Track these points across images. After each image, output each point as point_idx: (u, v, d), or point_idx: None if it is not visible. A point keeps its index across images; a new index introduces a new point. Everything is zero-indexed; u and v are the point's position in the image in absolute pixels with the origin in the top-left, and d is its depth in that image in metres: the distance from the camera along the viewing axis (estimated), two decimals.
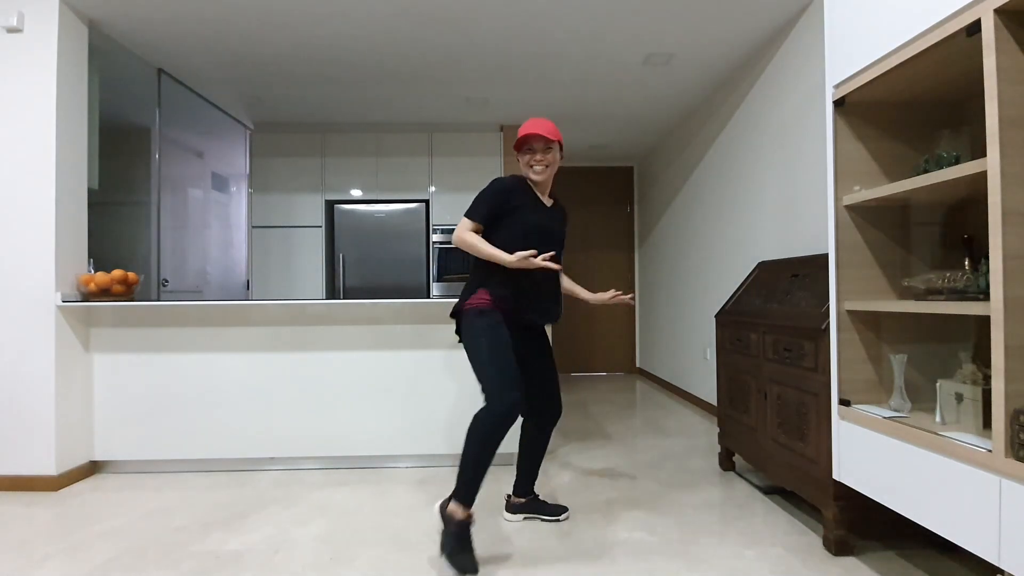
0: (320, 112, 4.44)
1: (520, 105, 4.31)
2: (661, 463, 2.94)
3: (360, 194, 4.66)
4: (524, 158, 2.07)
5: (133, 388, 2.85)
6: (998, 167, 1.26)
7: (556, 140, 2.03)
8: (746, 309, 2.64)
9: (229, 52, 3.34)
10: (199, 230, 4.07)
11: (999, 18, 1.26)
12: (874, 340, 1.84)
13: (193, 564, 1.88)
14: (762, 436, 2.38)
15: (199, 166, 4.08)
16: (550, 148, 2.04)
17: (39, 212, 2.64)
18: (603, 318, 6.22)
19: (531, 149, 2.04)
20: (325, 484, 2.67)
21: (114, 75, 3.36)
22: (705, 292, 4.27)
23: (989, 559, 1.28)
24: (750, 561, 1.87)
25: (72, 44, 2.77)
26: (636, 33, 3.12)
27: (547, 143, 2.03)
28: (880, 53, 1.63)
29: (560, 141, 2.06)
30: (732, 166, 3.80)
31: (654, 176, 5.64)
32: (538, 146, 2.03)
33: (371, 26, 3.03)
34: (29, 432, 2.62)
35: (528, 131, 2.00)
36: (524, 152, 2.06)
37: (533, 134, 2.00)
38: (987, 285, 1.44)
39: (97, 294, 2.73)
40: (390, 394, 2.90)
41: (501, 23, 3.01)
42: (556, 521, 2.21)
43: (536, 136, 2.01)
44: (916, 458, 1.50)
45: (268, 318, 2.88)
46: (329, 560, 1.90)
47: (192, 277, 3.95)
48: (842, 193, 1.86)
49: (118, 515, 2.31)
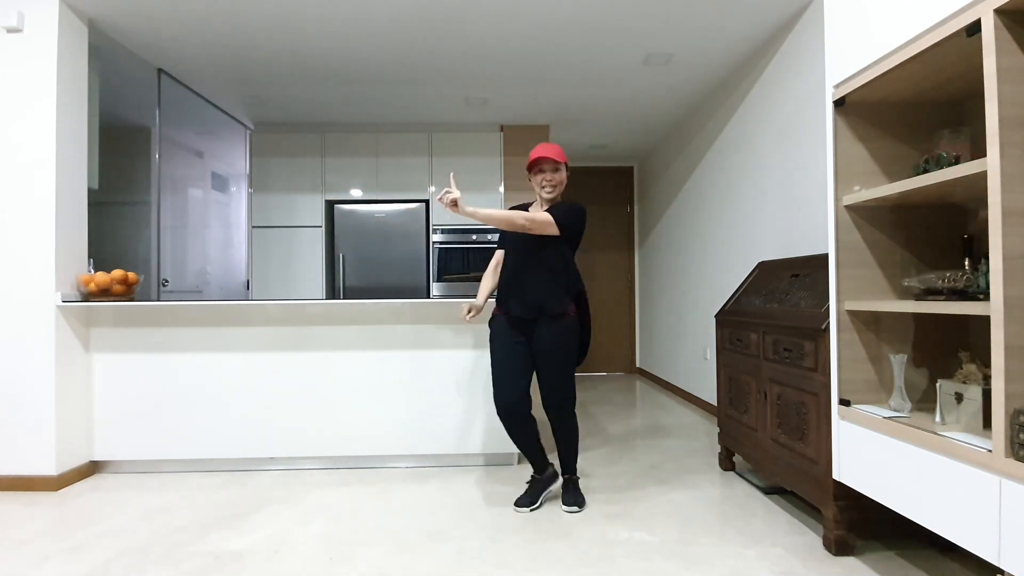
0: (320, 112, 4.44)
1: (520, 105, 4.31)
2: (661, 463, 2.94)
3: (360, 194, 4.66)
4: (536, 179, 2.33)
5: (133, 388, 2.85)
6: (998, 167, 1.26)
7: (563, 162, 2.31)
8: (746, 309, 2.65)
9: (229, 52, 3.34)
10: (199, 230, 4.07)
11: (999, 18, 1.26)
12: (874, 340, 1.84)
13: (193, 564, 1.88)
14: (762, 436, 2.38)
15: (199, 166, 4.08)
16: (558, 169, 2.31)
17: (39, 212, 2.64)
18: (603, 318, 6.22)
19: (541, 170, 2.30)
20: (325, 484, 2.67)
21: (114, 75, 3.36)
22: (705, 292, 4.27)
23: (989, 559, 1.28)
24: (750, 561, 1.87)
25: (72, 44, 2.77)
26: (636, 33, 3.12)
27: (556, 165, 2.30)
28: (880, 53, 1.64)
29: (566, 162, 2.32)
30: (732, 166, 3.80)
31: (654, 176, 5.64)
32: (548, 167, 2.29)
33: (371, 26, 3.03)
34: (29, 432, 2.62)
35: (539, 154, 2.27)
36: (535, 173, 2.32)
37: (544, 157, 2.26)
38: (987, 285, 1.44)
39: (97, 294, 2.73)
40: (390, 394, 2.90)
41: (501, 23, 3.01)
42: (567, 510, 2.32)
43: (546, 159, 2.27)
44: (916, 458, 1.50)
45: (268, 318, 2.88)
46: (329, 560, 1.90)
47: (192, 277, 3.95)
48: (842, 193, 1.86)
49: (118, 515, 2.31)
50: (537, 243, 2.27)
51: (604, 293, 6.22)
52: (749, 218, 3.55)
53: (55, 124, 2.66)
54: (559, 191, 2.33)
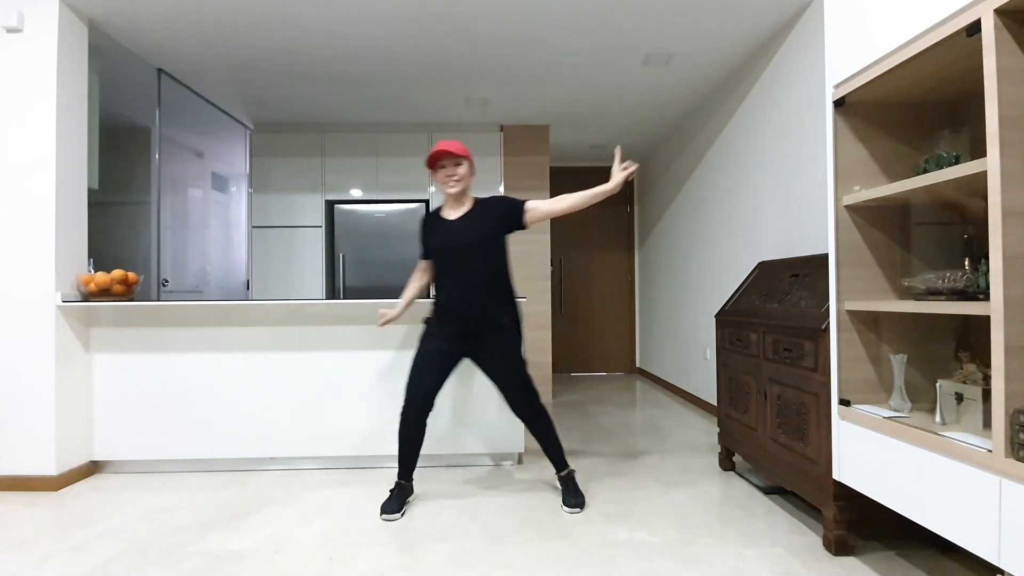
0: (320, 112, 4.44)
1: (520, 105, 4.31)
2: (661, 463, 2.94)
3: (360, 194, 4.66)
4: (438, 175, 2.32)
5: (133, 388, 2.85)
6: (998, 167, 1.26)
7: (464, 156, 2.29)
8: (746, 309, 2.65)
9: (229, 52, 3.34)
10: (199, 230, 4.07)
11: (999, 18, 1.26)
12: (874, 340, 1.84)
13: (193, 564, 1.88)
14: (762, 436, 2.38)
15: (199, 166, 4.08)
16: (460, 163, 2.29)
17: (39, 212, 2.64)
18: (603, 318, 6.22)
19: (443, 166, 2.30)
20: (325, 484, 2.67)
21: (114, 75, 3.36)
22: (705, 292, 4.27)
23: (989, 559, 1.28)
24: (750, 561, 1.87)
25: (72, 44, 2.77)
26: (636, 33, 3.12)
27: (456, 159, 2.28)
28: (880, 53, 1.63)
29: (469, 158, 2.31)
30: (732, 166, 3.80)
31: (654, 176, 5.64)
32: (448, 161, 2.28)
33: (371, 26, 3.03)
34: (29, 432, 2.62)
35: (437, 149, 2.24)
36: (437, 169, 2.31)
37: (442, 151, 2.24)
38: (987, 285, 1.44)
39: (97, 294, 2.73)
40: (390, 394, 2.90)
41: (501, 23, 3.01)
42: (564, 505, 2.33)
43: (445, 152, 2.25)
44: (916, 458, 1.50)
45: (268, 318, 2.88)
46: (329, 560, 1.90)
47: (192, 277, 3.94)
48: (842, 193, 1.86)
49: (118, 515, 2.31)
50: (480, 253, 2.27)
51: (604, 293, 6.22)
52: (749, 218, 3.55)
53: (55, 124, 2.66)
54: (465, 185, 2.32)
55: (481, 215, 2.31)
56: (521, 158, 4.76)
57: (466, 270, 2.27)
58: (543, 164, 4.79)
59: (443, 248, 2.30)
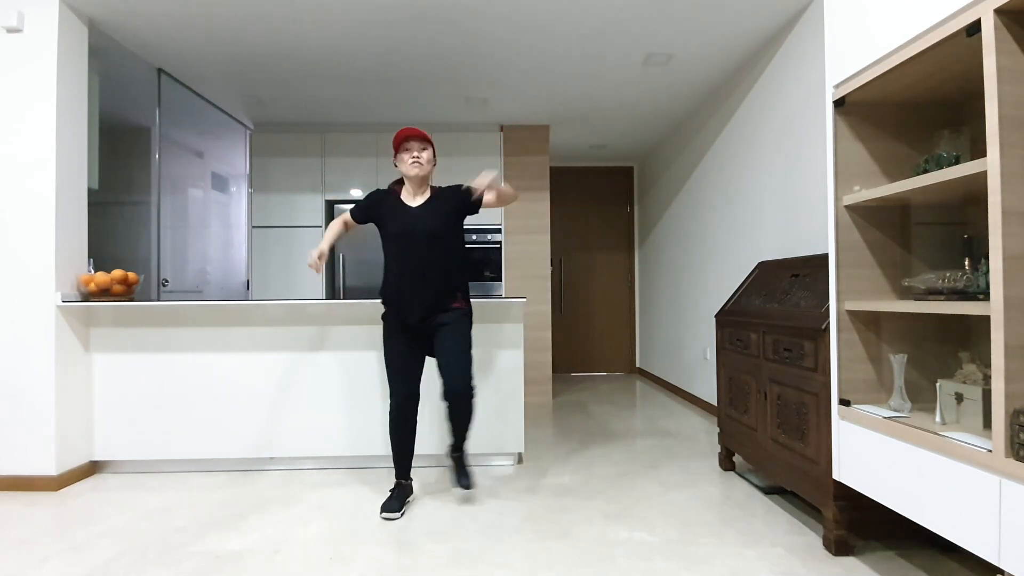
0: (320, 112, 4.44)
1: (520, 105, 4.31)
2: (661, 463, 2.94)
3: (360, 194, 4.66)
4: (403, 156, 2.33)
5: (133, 388, 2.85)
6: (998, 167, 1.26)
7: (430, 142, 2.36)
8: (746, 309, 2.65)
9: (229, 52, 3.34)
10: (199, 230, 4.07)
11: (999, 18, 1.26)
12: (874, 340, 1.84)
13: (193, 564, 1.88)
14: (762, 436, 2.38)
15: (199, 166, 4.08)
16: (426, 148, 2.35)
17: (39, 212, 2.64)
18: (603, 318, 6.22)
19: (408, 148, 2.32)
20: (325, 484, 2.67)
21: (114, 75, 3.36)
22: (705, 292, 4.27)
23: (989, 559, 1.28)
24: (750, 561, 1.87)
25: (72, 44, 2.77)
26: (636, 33, 3.12)
27: (423, 143, 2.34)
28: (880, 53, 1.64)
29: (432, 146, 2.37)
30: (732, 166, 3.80)
31: (654, 176, 5.64)
32: (415, 144, 2.32)
33: (371, 26, 3.03)
34: (29, 432, 2.62)
35: (406, 132, 2.30)
36: (402, 151, 2.34)
37: (412, 132, 2.30)
38: (987, 285, 1.44)
39: (97, 294, 2.73)
40: None
41: (501, 23, 3.01)
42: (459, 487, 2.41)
43: (415, 133, 2.31)
44: (916, 458, 1.50)
45: (268, 318, 2.88)
46: (329, 560, 1.90)
47: (192, 277, 3.94)
48: (842, 193, 1.86)
49: (118, 515, 2.31)
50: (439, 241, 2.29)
51: (604, 293, 6.22)
52: (749, 218, 3.55)
53: (55, 124, 2.66)
54: (426, 171, 2.34)
55: (441, 204, 2.35)
56: (521, 158, 4.76)
57: (423, 257, 2.27)
58: (543, 164, 4.79)
59: (402, 234, 2.29)
